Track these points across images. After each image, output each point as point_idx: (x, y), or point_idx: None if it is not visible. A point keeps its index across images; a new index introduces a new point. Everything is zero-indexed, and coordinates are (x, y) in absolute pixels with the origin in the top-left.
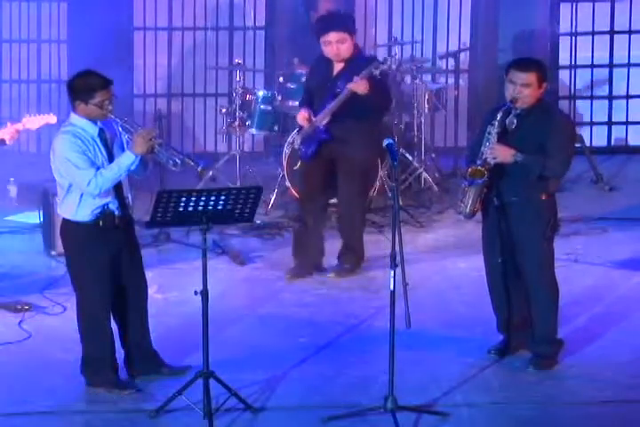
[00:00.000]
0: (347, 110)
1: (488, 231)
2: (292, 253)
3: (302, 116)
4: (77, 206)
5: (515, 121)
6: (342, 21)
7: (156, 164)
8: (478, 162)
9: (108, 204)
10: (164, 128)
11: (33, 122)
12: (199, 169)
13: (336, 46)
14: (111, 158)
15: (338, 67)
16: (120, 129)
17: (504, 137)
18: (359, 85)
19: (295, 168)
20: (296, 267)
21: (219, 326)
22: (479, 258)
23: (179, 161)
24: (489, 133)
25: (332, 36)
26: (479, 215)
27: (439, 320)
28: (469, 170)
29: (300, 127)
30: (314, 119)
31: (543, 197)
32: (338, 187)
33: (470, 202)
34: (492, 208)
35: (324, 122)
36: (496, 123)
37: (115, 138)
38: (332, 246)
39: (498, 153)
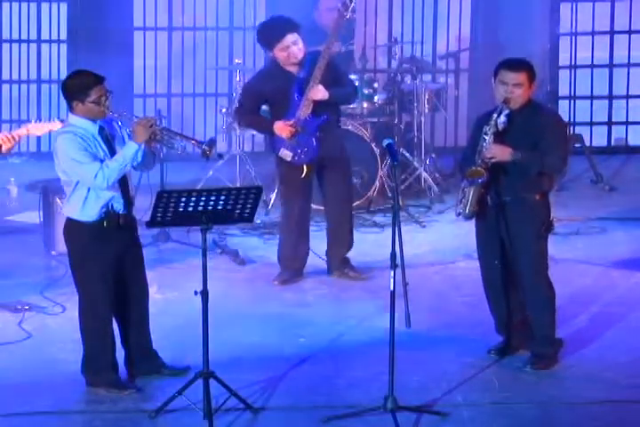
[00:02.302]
0: (320, 108)
1: (483, 231)
2: (280, 259)
3: (282, 126)
4: (83, 206)
5: (506, 121)
6: (292, 22)
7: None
8: (477, 162)
9: (113, 203)
10: None
11: (37, 128)
12: (204, 148)
13: (295, 48)
14: (113, 155)
15: (293, 69)
16: (120, 124)
17: (497, 138)
18: (318, 94)
19: (302, 176)
20: (284, 273)
21: (219, 326)
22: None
23: (183, 144)
24: (485, 134)
25: (289, 39)
26: None
27: (439, 320)
28: (468, 171)
29: (275, 144)
30: (293, 120)
31: (537, 197)
32: (328, 187)
33: (469, 202)
34: (487, 208)
35: (308, 112)
36: (492, 123)
37: (115, 134)
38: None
39: (496, 152)
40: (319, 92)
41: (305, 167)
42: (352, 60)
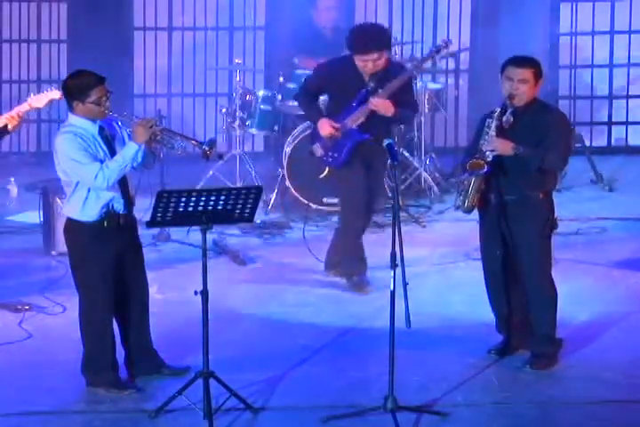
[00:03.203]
0: (372, 124)
1: (486, 229)
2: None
3: (326, 125)
4: (83, 206)
5: (511, 118)
6: (384, 39)
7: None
8: (477, 155)
9: (113, 203)
10: None
11: (38, 100)
12: (204, 148)
13: (373, 64)
14: (113, 155)
15: (365, 74)
16: (120, 124)
17: (501, 134)
18: (382, 106)
19: (322, 176)
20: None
21: (219, 326)
22: (479, 258)
23: (183, 144)
24: (487, 127)
25: (372, 56)
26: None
27: (439, 320)
28: (469, 162)
29: (314, 136)
30: (338, 125)
31: (541, 196)
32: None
33: (469, 196)
34: (490, 206)
35: (358, 123)
36: (495, 116)
37: (115, 135)
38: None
39: (497, 145)
40: (384, 107)
41: (327, 169)
42: None
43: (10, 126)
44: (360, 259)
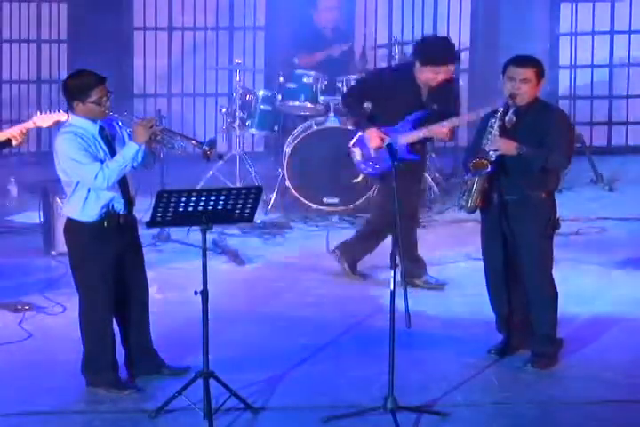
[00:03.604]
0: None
1: (487, 228)
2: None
3: (376, 137)
4: (83, 206)
5: (513, 118)
6: (456, 53)
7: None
8: (480, 155)
9: (113, 203)
10: None
11: (43, 120)
12: (204, 148)
13: (440, 77)
14: (113, 155)
15: (425, 90)
16: (120, 124)
17: (504, 134)
18: (441, 135)
19: (355, 181)
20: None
21: (219, 326)
22: (479, 258)
23: (183, 144)
24: (491, 127)
25: (444, 68)
26: (478, 215)
27: (439, 320)
28: (473, 163)
29: (360, 139)
30: (390, 139)
31: (543, 196)
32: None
33: (472, 196)
34: (492, 206)
35: (409, 142)
36: (498, 115)
37: (116, 134)
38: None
39: (500, 145)
40: (442, 135)
41: (361, 176)
42: (352, 60)
43: (14, 142)
44: (416, 259)
